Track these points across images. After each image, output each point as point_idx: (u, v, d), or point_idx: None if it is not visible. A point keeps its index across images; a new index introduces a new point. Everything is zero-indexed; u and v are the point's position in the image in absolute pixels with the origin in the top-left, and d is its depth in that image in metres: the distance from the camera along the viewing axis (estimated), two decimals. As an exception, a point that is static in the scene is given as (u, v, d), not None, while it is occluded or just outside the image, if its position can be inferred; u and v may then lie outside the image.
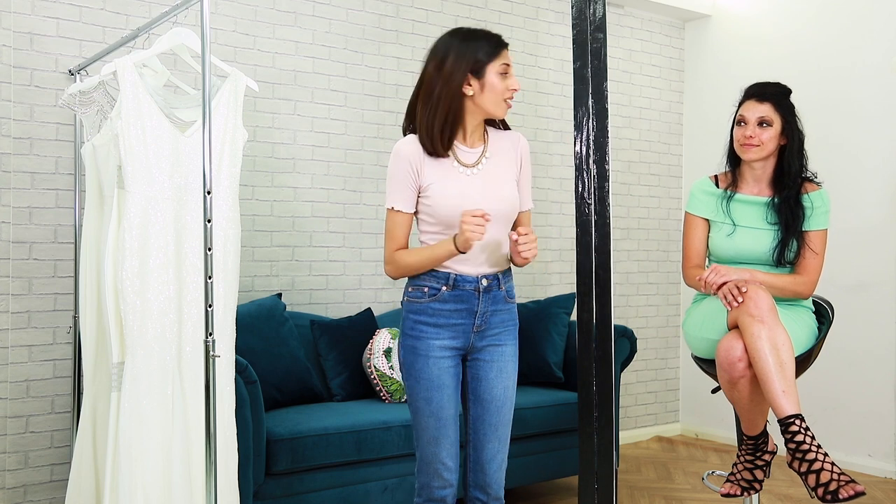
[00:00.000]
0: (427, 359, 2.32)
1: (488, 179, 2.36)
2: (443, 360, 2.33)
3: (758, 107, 2.74)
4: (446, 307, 2.33)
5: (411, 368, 2.34)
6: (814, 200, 2.75)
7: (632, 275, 5.28)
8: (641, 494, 4.15)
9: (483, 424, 2.39)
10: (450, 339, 2.34)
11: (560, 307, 4.19)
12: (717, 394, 2.80)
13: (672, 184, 5.48)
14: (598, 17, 2.35)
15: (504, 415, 2.40)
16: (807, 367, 2.67)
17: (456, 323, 2.34)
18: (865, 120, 4.53)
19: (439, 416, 2.32)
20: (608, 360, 2.33)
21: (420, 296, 2.35)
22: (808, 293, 2.73)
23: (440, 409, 2.32)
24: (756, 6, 5.11)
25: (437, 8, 4.52)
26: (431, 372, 2.32)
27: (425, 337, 2.33)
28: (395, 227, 2.35)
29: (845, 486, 2.21)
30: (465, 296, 2.34)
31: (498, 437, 2.39)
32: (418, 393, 2.34)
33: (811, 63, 4.74)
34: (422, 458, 2.37)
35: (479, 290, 2.34)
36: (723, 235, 2.79)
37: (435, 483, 2.35)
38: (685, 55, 5.55)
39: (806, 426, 2.33)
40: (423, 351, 2.32)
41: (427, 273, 2.34)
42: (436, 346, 2.33)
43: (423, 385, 2.32)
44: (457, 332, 2.34)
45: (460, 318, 2.34)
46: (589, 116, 2.34)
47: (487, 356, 2.39)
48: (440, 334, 2.33)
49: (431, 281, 2.34)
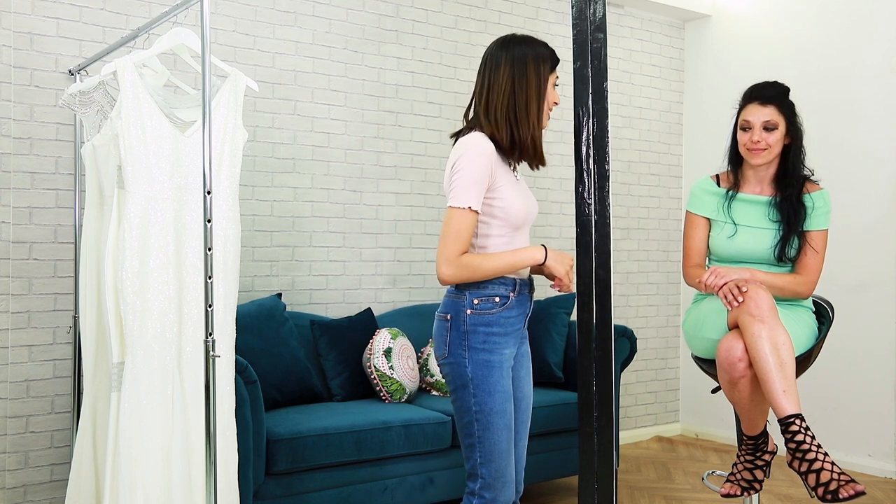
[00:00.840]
0: (501, 370, 2.26)
1: (524, 184, 2.40)
2: (510, 370, 2.31)
3: (762, 110, 2.72)
4: (513, 314, 2.30)
5: (483, 382, 2.23)
6: (815, 200, 2.75)
7: (632, 275, 5.28)
8: (641, 494, 4.15)
9: (517, 424, 2.38)
10: (512, 346, 2.32)
11: (560, 307, 4.19)
12: (717, 394, 2.80)
13: (672, 184, 5.48)
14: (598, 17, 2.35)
15: (531, 413, 2.43)
16: (807, 367, 2.67)
17: (517, 328, 2.33)
18: (865, 120, 4.53)
19: (510, 427, 2.28)
20: (608, 360, 2.33)
21: (490, 306, 2.26)
22: (807, 293, 2.73)
23: (511, 421, 2.28)
24: (756, 6, 5.11)
25: (437, 8, 4.52)
26: (506, 384, 2.26)
27: (498, 349, 2.26)
28: (467, 228, 2.20)
29: (845, 486, 2.21)
30: (524, 300, 2.34)
31: (526, 434, 2.42)
32: (492, 407, 2.23)
33: (811, 63, 4.74)
34: (495, 473, 2.25)
35: (532, 291, 2.38)
36: (724, 236, 2.79)
37: (503, 498, 2.27)
38: (685, 55, 5.55)
39: (806, 426, 2.33)
40: (497, 363, 2.25)
41: (494, 281, 2.26)
42: (507, 357, 2.29)
43: (497, 398, 2.24)
44: (516, 339, 2.34)
45: (519, 323, 2.34)
46: (589, 116, 2.34)
47: (519, 355, 2.40)
48: (508, 343, 2.29)
49: (500, 289, 2.27)
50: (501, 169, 2.28)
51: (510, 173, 2.33)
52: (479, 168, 2.20)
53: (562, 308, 4.19)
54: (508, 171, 2.32)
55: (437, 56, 4.51)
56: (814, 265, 2.73)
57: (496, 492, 2.26)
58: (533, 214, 2.36)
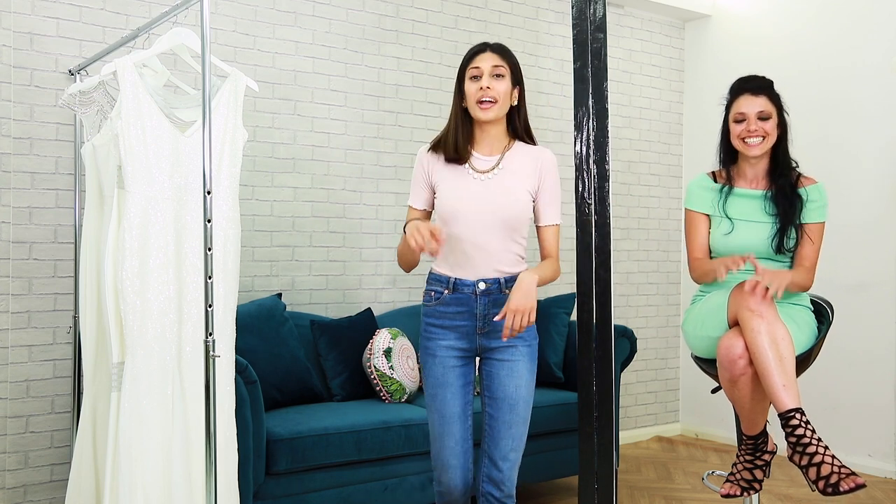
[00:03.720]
0: (434, 358, 2.48)
1: (496, 187, 2.46)
2: (448, 359, 2.48)
3: (755, 100, 2.73)
4: (449, 310, 2.47)
5: (424, 367, 2.53)
6: (810, 193, 2.76)
7: (632, 275, 5.28)
8: (641, 494, 4.15)
9: (497, 422, 2.46)
10: (455, 339, 2.48)
11: (560, 307, 4.19)
12: (717, 394, 2.80)
13: (672, 184, 5.48)
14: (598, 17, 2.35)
15: (518, 413, 2.46)
16: (807, 366, 2.68)
17: (459, 325, 2.47)
18: (865, 120, 4.53)
19: (443, 412, 2.47)
20: (608, 360, 2.33)
21: (429, 300, 2.51)
22: (808, 284, 2.74)
23: (444, 406, 2.47)
24: (756, 6, 5.11)
25: (437, 8, 4.52)
26: (437, 370, 2.48)
27: (434, 338, 2.49)
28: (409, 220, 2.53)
29: (846, 479, 2.22)
30: (464, 299, 2.46)
31: (511, 434, 2.45)
32: (427, 390, 2.52)
33: (811, 63, 4.74)
34: (434, 455, 2.52)
35: (476, 293, 2.45)
36: (721, 232, 2.80)
37: (442, 477, 2.50)
38: (685, 55, 5.55)
39: (806, 420, 2.34)
40: (431, 350, 2.49)
41: (432, 277, 2.52)
42: (442, 347, 2.48)
43: (430, 382, 2.50)
44: (461, 334, 2.48)
45: (463, 319, 2.47)
46: (589, 116, 2.34)
47: (499, 356, 2.47)
48: (446, 335, 2.48)
49: (436, 285, 2.50)
50: (445, 170, 2.49)
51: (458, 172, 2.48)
52: (414, 173, 2.55)
53: (562, 308, 4.19)
54: (457, 170, 2.48)
55: (437, 56, 4.51)
56: (811, 255, 2.74)
57: (437, 473, 2.51)
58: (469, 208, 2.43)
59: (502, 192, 2.44)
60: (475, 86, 2.42)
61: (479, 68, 2.43)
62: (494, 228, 2.42)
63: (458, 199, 2.44)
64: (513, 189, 2.45)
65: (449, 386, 2.46)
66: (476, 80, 2.43)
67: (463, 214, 2.42)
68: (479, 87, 2.41)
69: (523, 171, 2.48)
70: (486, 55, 2.44)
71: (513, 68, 2.47)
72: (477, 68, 2.43)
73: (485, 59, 2.44)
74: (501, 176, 2.46)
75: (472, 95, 2.43)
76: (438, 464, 2.49)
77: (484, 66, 2.42)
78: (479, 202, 2.43)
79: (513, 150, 2.51)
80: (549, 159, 2.52)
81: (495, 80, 2.42)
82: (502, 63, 2.44)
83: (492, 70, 2.42)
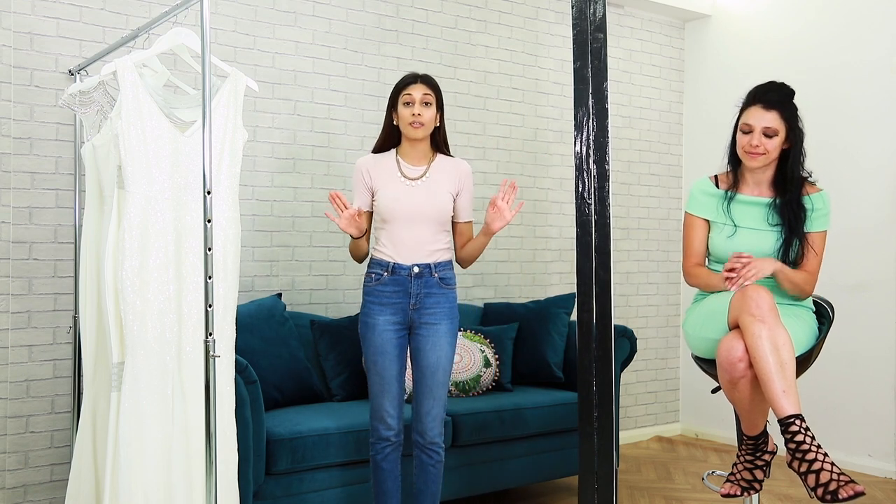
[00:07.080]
0: (374, 330, 2.95)
1: (424, 191, 2.98)
2: (386, 332, 2.95)
3: (764, 115, 2.70)
4: (387, 289, 2.95)
5: (364, 338, 2.99)
6: (815, 202, 2.75)
7: (632, 275, 5.28)
8: (641, 494, 4.15)
9: (421, 385, 3.00)
10: (391, 314, 2.95)
11: (560, 307, 4.19)
12: (717, 394, 2.80)
13: (672, 184, 5.48)
14: (598, 17, 2.35)
15: (438, 378, 2.98)
16: (807, 367, 2.68)
17: (395, 302, 2.95)
18: (865, 120, 4.53)
19: (382, 374, 2.96)
20: (608, 360, 2.34)
21: (370, 281, 3.00)
22: (810, 291, 2.75)
23: (383, 370, 2.96)
24: (756, 6, 5.11)
25: (437, 8, 4.52)
26: (377, 341, 2.95)
27: (374, 313, 2.96)
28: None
29: (845, 487, 2.21)
30: (401, 280, 2.95)
31: (433, 395, 2.99)
32: (368, 357, 2.98)
33: (811, 63, 4.74)
34: (372, 408, 3.00)
35: (411, 275, 2.94)
36: (723, 237, 2.79)
37: (381, 426, 2.98)
38: (685, 55, 5.55)
39: (806, 426, 2.33)
40: (371, 324, 2.96)
41: (374, 262, 3.01)
42: (380, 321, 2.95)
43: (370, 351, 2.96)
44: (396, 309, 2.95)
45: (398, 297, 2.95)
46: (589, 116, 2.34)
47: (424, 332, 2.97)
48: (384, 311, 2.95)
49: (377, 268, 2.99)
50: (383, 178, 2.99)
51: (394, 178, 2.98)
52: (354, 180, 3.06)
53: (562, 308, 4.19)
54: (393, 177, 2.98)
55: (437, 56, 4.51)
56: (814, 265, 2.75)
57: (374, 424, 3.00)
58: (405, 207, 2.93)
59: (431, 194, 2.97)
60: (408, 111, 2.93)
61: (411, 95, 2.93)
62: (426, 223, 2.95)
63: (396, 199, 2.94)
64: (438, 192, 2.98)
65: (387, 354, 2.94)
66: (408, 106, 2.93)
67: (400, 212, 2.93)
68: (412, 113, 2.92)
69: (446, 178, 3.01)
70: (417, 85, 2.94)
71: (437, 96, 2.97)
72: (409, 95, 2.93)
73: (416, 89, 2.93)
74: (429, 182, 2.99)
75: (406, 118, 2.94)
76: (378, 415, 2.97)
77: (415, 94, 2.93)
78: (413, 202, 2.94)
79: (437, 161, 3.04)
80: (466, 169, 3.07)
81: (424, 107, 2.93)
82: (430, 92, 2.95)
83: (422, 98, 2.93)
